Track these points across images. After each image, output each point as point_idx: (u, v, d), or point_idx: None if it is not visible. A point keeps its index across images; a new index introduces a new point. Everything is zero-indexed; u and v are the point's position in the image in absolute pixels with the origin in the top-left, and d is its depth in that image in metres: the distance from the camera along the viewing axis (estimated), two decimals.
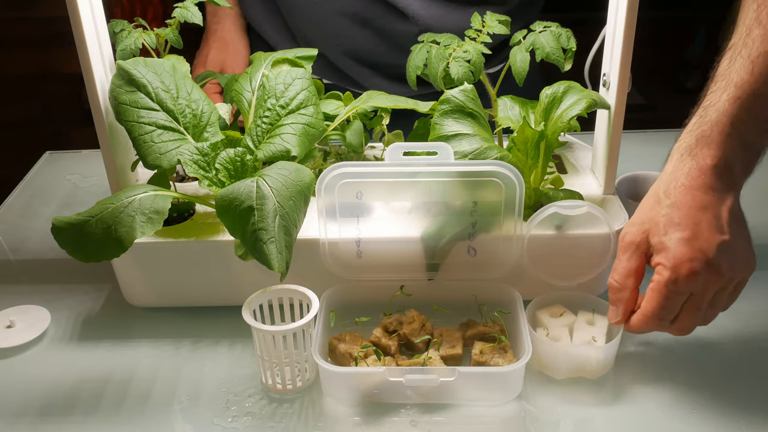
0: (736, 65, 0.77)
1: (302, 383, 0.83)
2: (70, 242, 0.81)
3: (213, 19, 1.34)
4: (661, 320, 0.77)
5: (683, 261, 0.74)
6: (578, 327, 0.85)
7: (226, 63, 1.32)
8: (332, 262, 0.87)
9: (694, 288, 0.75)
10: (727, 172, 0.76)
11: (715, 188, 0.76)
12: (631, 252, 0.78)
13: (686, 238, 0.74)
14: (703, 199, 0.75)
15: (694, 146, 0.77)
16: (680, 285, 0.74)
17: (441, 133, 0.87)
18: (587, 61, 1.00)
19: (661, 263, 0.75)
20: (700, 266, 0.73)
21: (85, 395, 0.83)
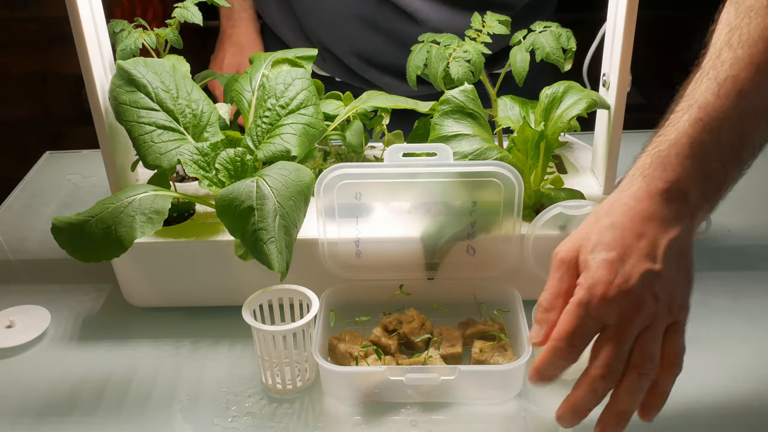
0: (701, 87, 0.71)
1: (302, 383, 0.83)
2: (70, 242, 0.81)
3: (228, 23, 1.34)
4: (570, 347, 0.66)
5: (599, 282, 0.65)
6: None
7: (242, 67, 1.33)
8: (331, 262, 0.87)
9: (608, 316, 0.65)
10: (679, 198, 0.68)
11: (660, 215, 0.67)
12: (563, 271, 0.69)
13: (610, 260, 0.66)
14: (642, 225, 0.67)
15: (647, 167, 0.69)
16: (592, 309, 0.65)
17: (441, 133, 0.87)
18: (586, 61, 1.00)
19: (579, 283, 0.67)
20: (615, 292, 0.65)
21: (85, 395, 0.83)
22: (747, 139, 0.69)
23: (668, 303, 0.66)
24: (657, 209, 0.67)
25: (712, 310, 0.92)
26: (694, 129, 0.69)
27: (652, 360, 0.66)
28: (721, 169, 0.69)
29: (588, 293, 0.65)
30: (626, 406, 0.67)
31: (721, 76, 0.70)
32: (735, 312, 0.92)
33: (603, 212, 0.69)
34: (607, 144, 0.93)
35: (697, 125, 0.69)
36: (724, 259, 1.02)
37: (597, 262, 0.66)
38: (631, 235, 0.67)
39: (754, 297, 0.94)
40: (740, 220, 1.07)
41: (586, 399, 0.67)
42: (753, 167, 0.72)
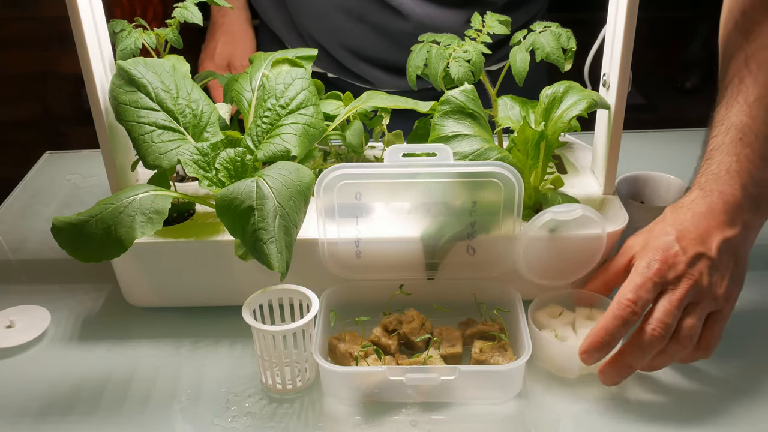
0: (733, 110, 0.82)
1: (302, 383, 0.83)
2: (70, 242, 0.81)
3: (219, 12, 1.35)
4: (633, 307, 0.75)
5: (661, 248, 0.76)
6: (580, 324, 0.85)
7: (235, 56, 1.33)
8: (331, 262, 0.87)
9: (668, 276, 0.75)
10: (734, 207, 0.78)
11: (718, 218, 0.78)
12: (623, 251, 0.82)
13: (667, 240, 0.77)
14: (701, 220, 0.78)
15: (703, 183, 0.81)
16: (653, 269, 0.75)
17: (441, 133, 0.87)
18: (587, 61, 1.00)
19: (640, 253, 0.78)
20: (667, 264, 0.75)
21: (85, 395, 0.83)
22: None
23: (715, 289, 0.76)
24: (715, 212, 0.78)
25: None
26: (737, 148, 0.80)
27: (694, 334, 0.75)
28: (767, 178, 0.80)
29: (651, 254, 0.76)
30: (658, 365, 0.78)
31: (749, 98, 0.82)
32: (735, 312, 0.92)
33: (666, 215, 0.81)
34: (607, 144, 0.93)
35: (738, 145, 0.80)
36: None
37: (656, 243, 0.77)
38: (690, 225, 0.78)
39: (754, 297, 0.94)
40: None
41: (633, 356, 0.76)
42: None
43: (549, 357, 0.83)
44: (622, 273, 0.81)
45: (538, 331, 0.82)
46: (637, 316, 0.75)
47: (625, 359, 0.76)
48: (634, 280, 0.76)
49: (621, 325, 0.75)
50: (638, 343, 0.75)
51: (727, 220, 0.78)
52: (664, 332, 0.74)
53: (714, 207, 0.78)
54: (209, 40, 1.35)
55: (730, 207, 0.78)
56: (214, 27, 1.35)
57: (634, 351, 0.75)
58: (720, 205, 0.78)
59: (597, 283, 0.85)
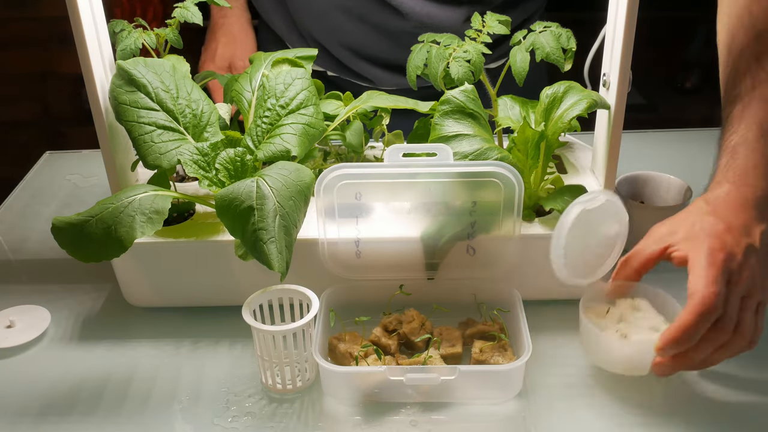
0: (752, 108, 0.83)
1: (302, 383, 0.83)
2: (70, 242, 0.81)
3: (219, 13, 1.34)
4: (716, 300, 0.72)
5: (718, 238, 0.75)
6: (631, 317, 0.82)
7: (236, 57, 1.33)
8: (331, 262, 0.87)
9: (731, 266, 0.74)
10: (764, 202, 0.79)
11: (751, 209, 0.78)
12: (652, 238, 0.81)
13: (717, 231, 0.76)
14: (739, 210, 0.78)
15: (730, 176, 0.81)
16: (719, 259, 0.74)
17: (441, 133, 0.87)
18: (587, 61, 1.00)
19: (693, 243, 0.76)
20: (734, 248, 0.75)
21: (85, 395, 0.83)
22: None
23: (762, 280, 0.76)
24: (749, 206, 0.79)
25: None
26: (760, 144, 0.81)
27: (751, 327, 0.75)
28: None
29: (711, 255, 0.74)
30: (715, 361, 0.76)
31: (766, 95, 0.83)
32: None
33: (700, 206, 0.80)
34: (607, 144, 0.93)
35: (761, 140, 0.81)
36: None
37: (709, 233, 0.76)
38: (732, 218, 0.78)
39: None
40: None
41: (698, 349, 0.74)
42: None
43: (619, 359, 0.80)
44: (653, 261, 0.80)
45: (602, 335, 0.79)
46: (719, 311, 0.73)
47: (689, 353, 0.74)
48: (709, 271, 0.73)
49: (705, 318, 0.72)
50: (706, 335, 0.73)
51: (761, 214, 0.79)
52: (728, 326, 0.73)
53: (747, 201, 0.79)
54: (210, 41, 1.35)
55: (760, 202, 0.79)
56: (215, 28, 1.35)
57: (700, 344, 0.73)
58: (752, 199, 0.79)
59: (629, 270, 0.82)
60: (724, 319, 0.73)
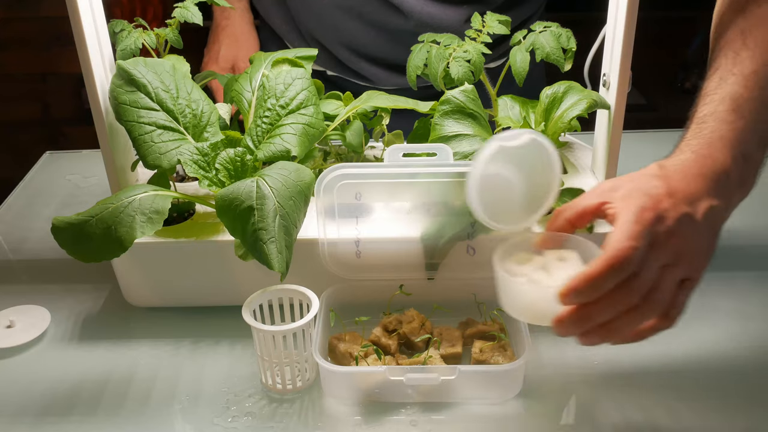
0: (728, 81, 0.78)
1: (302, 383, 0.83)
2: (70, 242, 0.81)
3: (221, 15, 1.35)
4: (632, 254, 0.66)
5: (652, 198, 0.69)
6: (553, 267, 0.75)
7: (239, 58, 1.33)
8: (331, 262, 0.87)
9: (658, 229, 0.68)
10: (723, 176, 0.73)
11: (706, 183, 0.72)
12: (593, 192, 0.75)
13: (657, 192, 0.70)
14: (691, 180, 0.72)
15: (695, 145, 0.76)
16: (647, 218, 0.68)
17: (441, 133, 0.87)
18: (587, 61, 1.00)
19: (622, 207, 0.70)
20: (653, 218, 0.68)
21: (85, 395, 0.83)
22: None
23: (692, 255, 0.70)
24: (706, 177, 0.73)
25: (712, 310, 0.92)
26: (731, 117, 0.76)
27: (667, 297, 0.69)
28: (756, 153, 0.76)
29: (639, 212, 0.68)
30: (622, 325, 0.68)
31: (745, 71, 0.78)
32: (735, 312, 0.92)
33: (652, 169, 0.75)
34: (607, 144, 0.93)
35: (732, 114, 0.76)
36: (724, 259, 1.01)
37: (645, 192, 0.71)
38: (680, 184, 0.72)
39: (754, 297, 0.94)
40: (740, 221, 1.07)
41: (598, 307, 0.67)
42: None
43: (525, 305, 0.74)
44: (589, 215, 0.74)
45: (509, 278, 0.73)
46: (632, 267, 0.66)
47: (588, 309, 0.67)
48: (631, 226, 0.67)
49: (614, 272, 0.66)
50: (608, 294, 0.67)
51: (715, 188, 0.72)
52: (639, 289, 0.67)
53: (705, 172, 0.73)
54: (212, 42, 1.35)
55: (720, 176, 0.73)
56: (218, 29, 1.35)
57: (601, 302, 0.67)
58: (711, 172, 0.73)
59: (561, 221, 0.76)
60: (634, 280, 0.66)
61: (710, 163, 0.74)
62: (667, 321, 0.70)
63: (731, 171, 0.74)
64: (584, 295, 0.66)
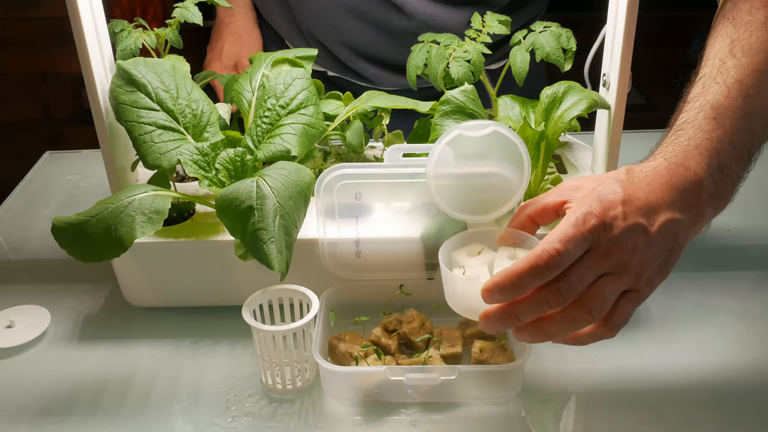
0: (710, 90, 0.76)
1: (302, 383, 0.83)
2: (70, 242, 0.81)
3: (225, 12, 1.35)
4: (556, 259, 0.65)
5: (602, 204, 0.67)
6: (499, 264, 0.75)
7: (242, 56, 1.33)
8: (331, 262, 0.87)
9: (600, 237, 0.66)
10: (694, 188, 0.70)
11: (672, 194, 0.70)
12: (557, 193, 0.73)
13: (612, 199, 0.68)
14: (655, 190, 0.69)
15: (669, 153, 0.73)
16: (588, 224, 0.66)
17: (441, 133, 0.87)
18: (587, 61, 1.00)
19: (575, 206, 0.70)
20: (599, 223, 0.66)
21: (85, 395, 0.83)
22: (754, 137, 0.74)
23: (641, 267, 0.67)
24: (673, 188, 0.70)
25: (712, 310, 0.92)
26: (710, 126, 0.73)
27: (603, 306, 0.66)
28: (734, 165, 0.72)
29: (582, 217, 0.66)
30: (553, 329, 0.67)
31: (729, 80, 0.75)
32: (735, 312, 0.92)
33: (620, 173, 0.72)
34: (607, 144, 0.93)
35: (712, 123, 0.73)
36: (724, 259, 1.02)
37: (599, 197, 0.68)
38: (641, 192, 0.69)
39: (754, 297, 0.94)
40: (740, 220, 1.07)
41: (524, 306, 0.67)
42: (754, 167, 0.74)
43: (460, 299, 0.74)
44: (551, 213, 0.74)
45: (446, 270, 0.74)
46: (556, 270, 0.65)
47: (515, 307, 0.67)
48: (566, 229, 0.66)
49: (537, 272, 0.65)
50: (535, 294, 0.66)
51: (682, 201, 0.70)
52: (566, 293, 0.65)
53: (674, 183, 0.70)
54: (216, 40, 1.36)
55: (689, 187, 0.70)
56: (221, 27, 1.35)
57: (527, 300, 0.66)
58: (681, 182, 0.70)
59: (521, 218, 0.76)
60: (561, 283, 0.65)
61: (683, 172, 0.71)
62: (607, 330, 0.69)
63: (704, 182, 0.71)
64: (507, 292, 0.66)
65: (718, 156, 0.72)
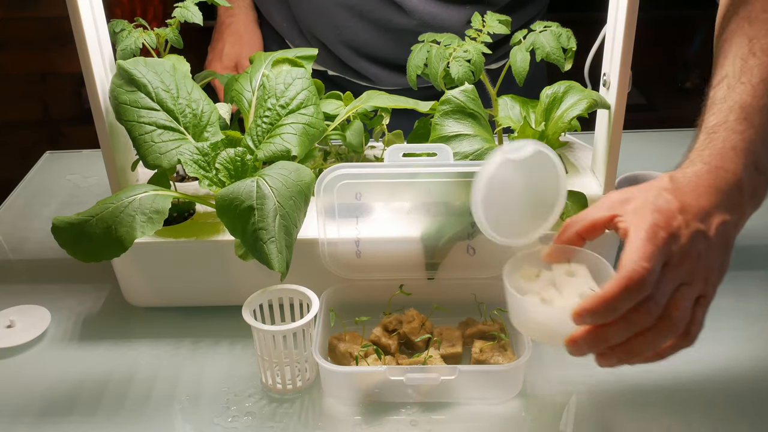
0: (736, 91, 0.77)
1: (302, 383, 0.83)
2: (70, 242, 0.81)
3: (226, 12, 1.35)
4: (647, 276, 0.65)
5: (664, 215, 0.68)
6: (562, 282, 0.74)
7: (243, 56, 1.33)
8: (331, 262, 0.87)
9: (672, 248, 0.67)
10: (735, 189, 0.72)
11: (718, 196, 0.71)
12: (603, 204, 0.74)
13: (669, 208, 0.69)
14: (704, 193, 0.71)
15: (706, 156, 0.74)
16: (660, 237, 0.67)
17: (442, 133, 0.87)
18: (587, 61, 1.00)
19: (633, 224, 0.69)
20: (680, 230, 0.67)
21: (85, 395, 0.83)
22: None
23: (706, 271, 0.69)
24: (718, 191, 0.71)
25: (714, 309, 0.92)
26: (742, 126, 0.74)
27: (685, 316, 0.68)
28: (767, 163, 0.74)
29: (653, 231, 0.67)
30: (642, 347, 0.68)
31: (754, 80, 0.76)
32: (737, 311, 0.92)
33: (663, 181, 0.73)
34: (607, 144, 0.93)
35: (743, 124, 0.74)
36: None
37: (657, 208, 0.69)
38: (692, 199, 0.70)
39: (756, 296, 0.94)
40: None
41: (615, 329, 0.67)
42: None
43: (537, 324, 0.72)
44: (600, 228, 0.73)
45: (522, 298, 0.72)
46: (648, 289, 0.65)
47: (604, 330, 0.66)
48: (644, 246, 0.66)
49: (630, 294, 0.65)
50: (627, 315, 0.66)
51: (728, 202, 0.71)
52: (655, 310, 0.66)
53: (718, 185, 0.72)
54: (216, 40, 1.36)
55: (732, 189, 0.72)
56: (222, 27, 1.35)
57: (619, 322, 0.66)
58: (724, 184, 0.72)
59: (569, 235, 0.74)
60: (650, 302, 0.66)
61: (723, 175, 0.72)
62: (687, 339, 0.70)
63: (743, 182, 0.73)
64: (599, 317, 0.66)
65: (753, 156, 0.73)
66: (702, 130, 0.77)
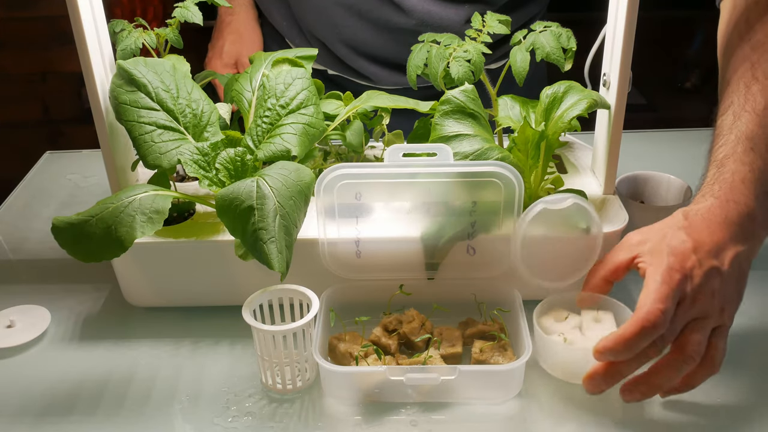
0: (742, 120, 0.80)
1: (302, 383, 0.83)
2: (70, 242, 0.81)
3: (226, 11, 1.35)
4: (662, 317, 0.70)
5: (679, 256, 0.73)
6: (588, 327, 0.82)
7: (243, 54, 1.34)
8: (331, 262, 0.87)
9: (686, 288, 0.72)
10: (748, 219, 0.76)
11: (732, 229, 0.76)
12: (623, 247, 0.79)
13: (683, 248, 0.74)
14: (716, 229, 0.76)
15: (717, 190, 0.78)
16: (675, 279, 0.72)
17: (442, 133, 0.87)
18: (587, 61, 1.00)
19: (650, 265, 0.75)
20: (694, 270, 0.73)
21: (85, 395, 0.83)
22: None
23: (722, 304, 0.74)
24: (730, 224, 0.76)
25: None
26: (750, 158, 0.78)
27: (699, 349, 0.73)
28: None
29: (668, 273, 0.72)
30: (661, 381, 0.73)
31: (758, 107, 0.80)
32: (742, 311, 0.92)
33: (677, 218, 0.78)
34: (607, 144, 0.93)
35: (751, 154, 0.78)
36: None
37: (672, 249, 0.74)
38: (705, 236, 0.75)
39: (755, 296, 0.94)
40: None
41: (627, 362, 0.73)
42: None
43: (559, 362, 0.81)
44: (623, 270, 0.79)
45: (546, 336, 0.81)
46: (663, 328, 0.71)
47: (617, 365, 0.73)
48: (660, 289, 0.72)
49: (646, 334, 0.71)
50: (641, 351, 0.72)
51: (740, 233, 0.76)
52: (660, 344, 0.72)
53: (730, 218, 0.76)
54: (217, 38, 1.36)
55: (744, 220, 0.76)
56: (222, 26, 1.36)
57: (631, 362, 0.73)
58: (735, 216, 0.76)
59: (596, 279, 0.81)
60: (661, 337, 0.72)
61: (734, 207, 0.76)
62: (712, 367, 0.75)
63: (755, 211, 0.76)
64: (618, 354, 0.72)
65: (763, 186, 0.78)
66: (711, 162, 0.81)
